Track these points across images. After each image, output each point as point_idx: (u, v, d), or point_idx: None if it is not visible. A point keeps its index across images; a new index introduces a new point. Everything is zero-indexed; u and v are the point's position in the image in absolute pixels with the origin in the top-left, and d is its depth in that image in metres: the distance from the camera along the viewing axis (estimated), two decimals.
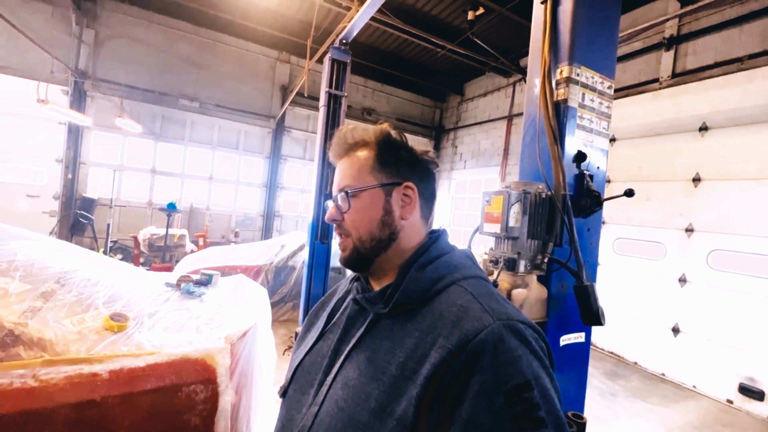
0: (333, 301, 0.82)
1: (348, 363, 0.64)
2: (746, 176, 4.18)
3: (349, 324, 0.70)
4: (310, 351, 0.74)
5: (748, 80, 4.22)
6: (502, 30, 6.64)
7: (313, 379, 0.68)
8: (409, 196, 0.70)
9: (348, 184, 0.70)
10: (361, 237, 0.69)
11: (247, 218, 8.38)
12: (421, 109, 10.33)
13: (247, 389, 1.70)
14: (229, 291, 2.34)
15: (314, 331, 0.78)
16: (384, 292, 0.66)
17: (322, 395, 0.63)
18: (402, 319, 0.63)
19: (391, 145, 0.71)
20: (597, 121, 1.27)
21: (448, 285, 0.63)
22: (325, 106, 4.48)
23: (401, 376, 0.56)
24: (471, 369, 0.51)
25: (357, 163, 0.71)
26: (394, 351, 0.59)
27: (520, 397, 0.49)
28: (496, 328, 0.53)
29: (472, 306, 0.58)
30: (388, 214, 0.69)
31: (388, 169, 0.70)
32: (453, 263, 0.67)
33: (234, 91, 7.82)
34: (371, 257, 0.70)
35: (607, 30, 1.31)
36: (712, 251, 4.43)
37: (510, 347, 0.52)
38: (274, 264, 5.37)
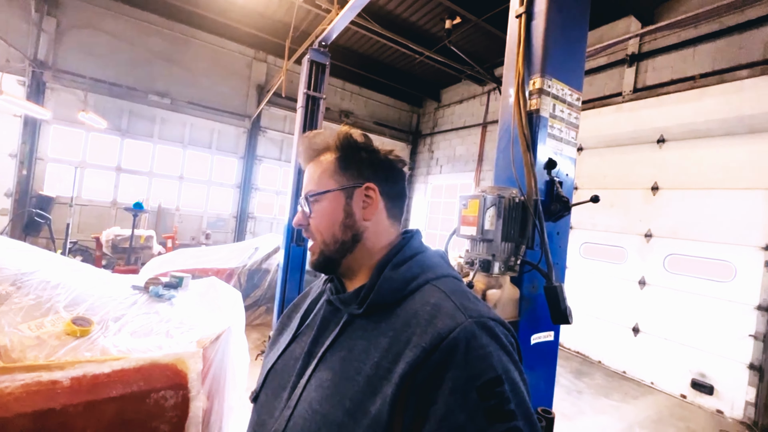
0: (306, 302, 0.81)
1: (322, 364, 0.63)
2: (699, 186, 4.51)
3: (323, 325, 0.70)
4: (283, 354, 0.73)
5: (700, 97, 4.57)
6: (478, 40, 6.84)
7: (286, 382, 0.67)
8: (370, 197, 0.71)
9: (310, 189, 0.72)
10: (325, 240, 0.70)
11: (219, 220, 8.14)
12: (398, 114, 10.43)
13: (219, 394, 1.65)
14: (201, 294, 2.27)
15: (287, 333, 0.78)
16: (358, 293, 0.66)
17: (296, 398, 0.62)
18: (376, 318, 0.63)
19: (352, 147, 0.72)
20: (566, 130, 1.34)
21: (422, 284, 0.64)
22: (302, 108, 4.44)
23: (376, 375, 0.56)
24: (445, 366, 0.52)
25: (319, 168, 0.72)
26: (369, 351, 0.59)
27: (492, 392, 0.50)
28: (468, 326, 0.55)
29: (445, 304, 0.59)
30: (349, 217, 0.70)
31: (350, 171, 0.71)
32: (426, 263, 0.68)
33: (208, 88, 7.60)
34: (337, 259, 0.71)
35: (576, 45, 1.39)
36: (668, 255, 4.73)
37: (482, 344, 0.53)
38: (247, 267, 5.24)
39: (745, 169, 4.13)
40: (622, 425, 3.59)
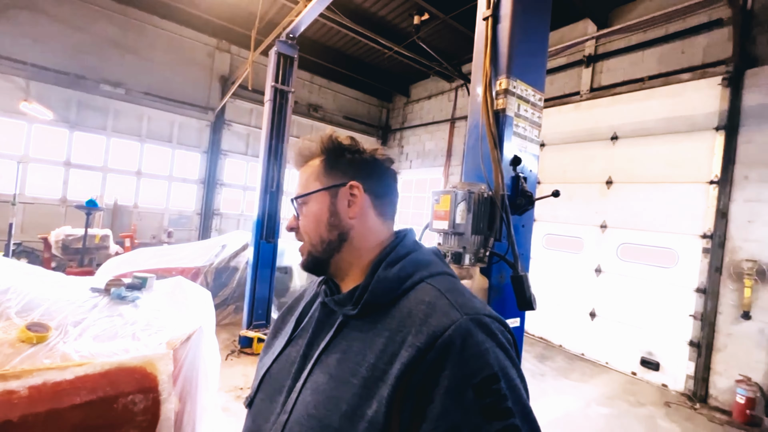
0: (301, 305, 0.81)
1: (317, 367, 0.62)
2: (647, 180, 4.88)
3: (318, 327, 0.69)
4: (278, 358, 0.72)
5: (648, 98, 4.93)
6: (446, 36, 6.95)
7: (281, 386, 0.66)
8: (355, 195, 0.71)
9: (299, 192, 0.73)
10: (312, 241, 0.71)
11: (182, 217, 7.78)
12: (368, 108, 10.41)
13: (192, 395, 1.61)
14: (167, 294, 2.19)
15: (282, 337, 0.77)
16: (352, 294, 0.65)
17: (292, 402, 0.61)
18: (371, 319, 0.62)
19: (336, 149, 0.73)
20: (530, 129, 1.42)
21: (416, 283, 0.64)
22: (270, 101, 4.34)
23: (372, 377, 0.55)
24: (440, 365, 0.51)
25: (307, 172, 0.74)
26: (365, 352, 0.59)
27: (489, 390, 0.50)
28: (463, 323, 0.54)
29: (439, 302, 0.58)
30: (334, 216, 0.70)
31: (334, 172, 0.72)
32: (420, 261, 0.68)
33: (166, 78, 7.20)
34: (325, 259, 0.71)
35: (539, 48, 1.47)
36: (621, 244, 5.10)
37: (477, 341, 0.53)
38: (214, 265, 5.07)
39: (686, 164, 4.52)
40: (581, 403, 3.86)
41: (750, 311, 3.87)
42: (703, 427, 3.60)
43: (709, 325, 4.14)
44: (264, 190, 4.44)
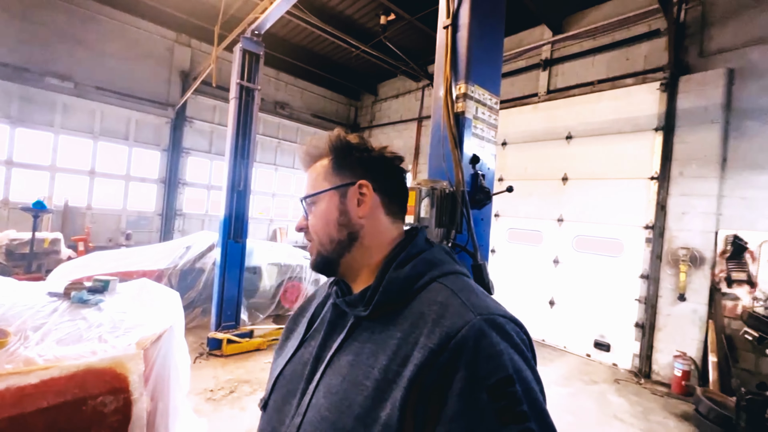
0: (312, 306, 0.81)
1: (330, 369, 0.62)
2: (598, 176, 5.27)
3: (330, 329, 0.69)
4: (291, 360, 0.72)
5: (598, 100, 5.32)
6: (412, 37, 7.08)
7: (295, 388, 0.66)
8: (364, 194, 0.70)
9: (306, 193, 0.74)
10: (321, 241, 0.71)
11: (141, 218, 7.41)
12: (336, 107, 10.38)
13: (164, 395, 1.61)
14: (133, 297, 2.14)
15: (294, 338, 0.77)
16: (364, 294, 0.65)
17: (305, 405, 0.61)
18: (383, 320, 0.62)
19: (344, 148, 0.73)
20: (487, 130, 1.55)
21: (428, 283, 0.63)
22: (236, 99, 4.27)
23: (385, 380, 0.54)
24: (454, 367, 0.51)
25: (315, 172, 0.74)
26: (377, 354, 0.58)
27: (503, 392, 0.49)
28: (476, 323, 0.53)
29: (452, 302, 0.58)
30: (344, 215, 0.70)
31: (343, 171, 0.72)
32: (431, 260, 0.67)
33: (121, 72, 6.81)
34: (335, 259, 0.71)
35: (494, 55, 1.60)
36: (576, 236, 5.47)
37: (491, 342, 0.52)
38: (178, 267, 4.90)
39: (631, 162, 4.93)
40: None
41: (685, 293, 4.32)
42: (647, 399, 3.98)
43: (651, 307, 4.57)
44: (231, 189, 4.36)
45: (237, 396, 3.24)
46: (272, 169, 9.20)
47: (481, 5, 1.48)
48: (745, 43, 4.20)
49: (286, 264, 5.84)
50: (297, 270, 5.94)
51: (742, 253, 4.02)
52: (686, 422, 3.52)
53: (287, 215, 9.62)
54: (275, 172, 9.25)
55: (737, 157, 4.16)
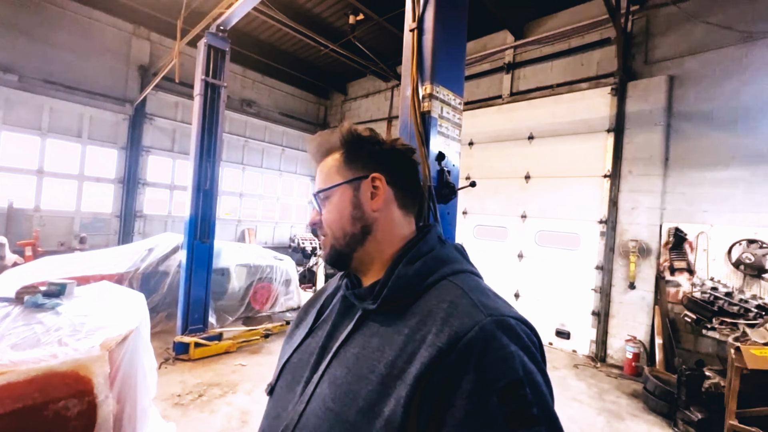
0: (323, 297, 0.82)
1: (336, 360, 0.62)
2: (557, 175, 5.58)
3: (337, 320, 0.70)
4: (298, 348, 0.73)
5: (556, 103, 5.63)
6: (381, 37, 7.16)
7: (300, 376, 0.67)
8: (377, 187, 0.70)
9: (320, 187, 0.73)
10: (335, 234, 0.71)
11: (97, 220, 6.99)
12: (305, 105, 10.27)
13: (131, 397, 1.57)
14: (94, 300, 2.05)
15: (303, 327, 0.78)
16: (373, 288, 0.66)
17: (309, 393, 0.62)
18: (391, 315, 0.62)
19: (356, 141, 0.73)
20: (452, 129, 1.63)
21: (437, 280, 0.63)
22: (201, 95, 4.15)
23: (390, 375, 0.54)
24: (462, 368, 0.50)
25: (327, 166, 0.74)
26: (383, 349, 0.58)
27: (514, 395, 0.48)
28: (487, 325, 0.52)
29: (462, 301, 0.57)
30: (357, 208, 0.70)
31: (356, 165, 0.72)
32: (443, 258, 0.67)
33: (73, 66, 6.39)
34: (348, 253, 0.71)
35: (458, 58, 1.69)
36: (538, 232, 5.77)
37: (502, 344, 0.51)
38: (140, 270, 4.69)
39: (587, 161, 5.27)
40: None
41: (635, 282, 4.68)
42: (603, 381, 4.28)
43: (606, 296, 4.91)
44: (196, 189, 4.23)
45: (206, 399, 3.17)
46: (239, 169, 8.96)
47: (445, 10, 1.56)
48: (683, 53, 4.62)
49: (255, 265, 5.73)
50: (267, 271, 5.85)
51: (683, 244, 4.42)
52: (636, 399, 3.84)
53: (256, 216, 9.41)
54: (242, 171, 9.02)
55: (677, 157, 4.56)
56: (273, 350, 4.45)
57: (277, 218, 9.84)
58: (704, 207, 4.33)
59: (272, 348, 4.52)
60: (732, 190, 4.16)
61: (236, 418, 2.95)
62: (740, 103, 4.17)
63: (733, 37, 4.24)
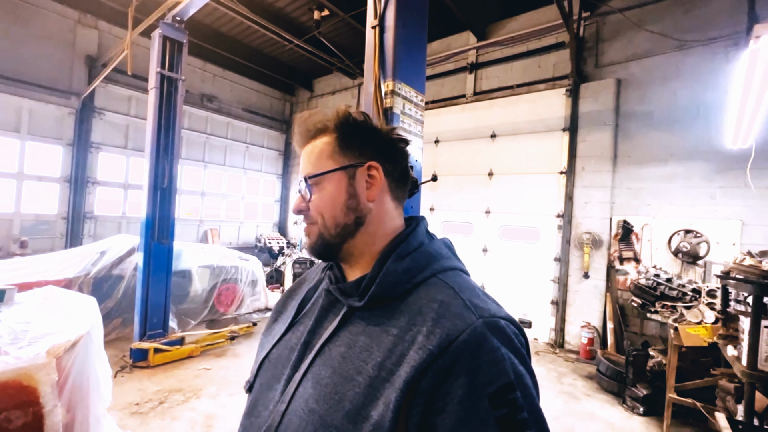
0: (303, 289, 0.78)
1: (320, 359, 0.60)
2: (518, 171, 5.84)
3: (321, 316, 0.67)
4: (278, 343, 0.70)
5: (516, 102, 5.88)
6: (346, 34, 7.12)
7: (280, 373, 0.64)
8: (374, 177, 0.67)
9: (309, 172, 0.68)
10: (326, 223, 0.66)
11: (40, 222, 6.45)
12: (269, 101, 10.01)
13: (83, 405, 1.48)
14: (37, 305, 1.91)
15: (282, 321, 0.74)
16: (359, 284, 0.63)
17: (290, 392, 0.59)
18: (378, 313, 0.60)
19: (352, 126, 0.68)
20: (414, 125, 1.68)
21: (427, 277, 0.61)
22: (156, 89, 3.95)
23: (378, 377, 0.53)
24: (453, 372, 0.49)
25: (317, 149, 0.68)
26: (371, 349, 0.56)
27: (505, 399, 0.48)
28: (479, 327, 0.52)
29: (453, 302, 0.56)
30: (352, 198, 0.66)
31: (350, 151, 0.67)
32: (432, 253, 0.65)
33: (9, 54, 5.84)
34: (338, 244, 0.67)
35: (419, 56, 1.74)
36: (501, 226, 6.01)
37: (492, 347, 0.51)
38: (91, 275, 4.39)
39: (545, 158, 5.55)
40: None
41: (588, 272, 5.00)
42: (561, 366, 4.55)
43: (563, 285, 5.21)
44: (153, 188, 4.02)
45: (168, 406, 3.04)
46: (200, 167, 8.59)
47: (406, 9, 1.60)
48: (628, 58, 4.98)
49: (219, 266, 5.54)
50: (232, 272, 5.67)
51: (630, 235, 4.78)
52: (590, 380, 4.11)
53: (219, 215, 9.07)
54: (204, 169, 8.66)
55: (624, 154, 4.92)
56: (239, 352, 4.34)
57: (242, 218, 9.55)
58: (648, 201, 4.70)
59: (238, 350, 4.40)
60: (671, 184, 4.55)
61: (200, 424, 2.85)
62: (677, 105, 4.56)
63: (669, 44, 4.63)
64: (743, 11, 4.15)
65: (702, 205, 4.35)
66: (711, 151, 4.32)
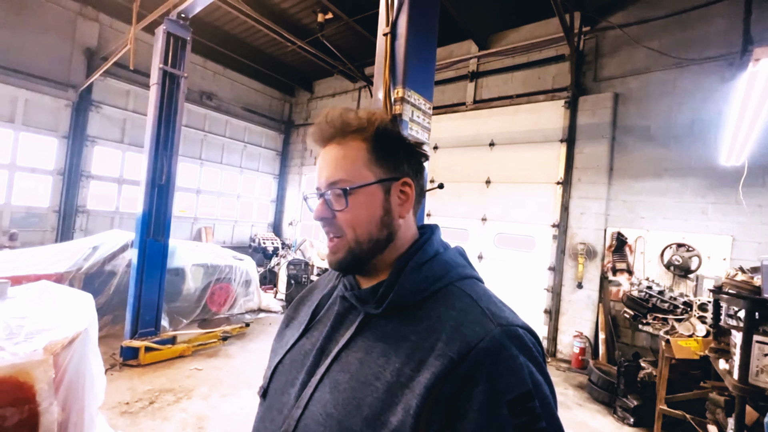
0: (315, 295, 0.78)
1: (337, 364, 0.60)
2: (515, 180, 5.89)
3: (337, 322, 0.66)
4: (291, 349, 0.69)
5: (515, 112, 5.95)
6: (349, 38, 7.15)
7: (294, 378, 0.64)
8: (406, 193, 0.65)
9: (342, 178, 0.62)
10: (358, 238, 0.63)
11: (31, 215, 6.34)
12: (269, 101, 9.99)
13: (78, 404, 1.46)
14: (32, 300, 1.88)
15: (294, 327, 0.74)
16: (376, 291, 0.62)
17: (306, 397, 0.59)
18: (396, 320, 0.60)
19: (389, 136, 0.65)
20: (421, 132, 1.69)
21: (444, 286, 0.61)
22: (158, 85, 3.93)
23: (397, 383, 0.53)
24: (474, 378, 0.49)
25: (351, 153, 0.64)
26: (389, 355, 0.56)
27: (523, 408, 0.48)
28: (497, 335, 0.52)
29: (472, 310, 0.56)
30: (387, 214, 0.64)
31: (386, 163, 0.64)
32: (449, 262, 0.65)
33: (6, 43, 5.76)
34: (366, 259, 0.64)
35: (428, 64, 1.75)
36: (497, 234, 6.05)
37: (512, 354, 0.51)
38: (83, 270, 4.33)
39: (542, 168, 5.61)
40: None
41: (582, 282, 5.05)
42: (553, 375, 4.56)
43: (557, 295, 5.25)
44: (151, 184, 3.99)
45: (159, 406, 2.99)
46: (197, 164, 8.53)
47: (418, 17, 1.62)
48: (626, 73, 5.07)
49: (213, 265, 5.50)
50: (226, 271, 5.63)
51: (623, 247, 4.84)
52: (582, 390, 4.14)
53: (214, 214, 9.00)
54: (200, 167, 8.59)
55: (620, 167, 4.99)
56: (231, 353, 4.29)
57: (237, 217, 9.48)
58: (642, 214, 4.77)
59: (230, 351, 4.35)
60: (665, 199, 4.63)
61: (191, 425, 2.81)
62: (673, 121, 4.65)
63: (667, 61, 4.73)
64: (739, 33, 4.27)
65: (694, 220, 4.43)
66: (705, 167, 4.40)
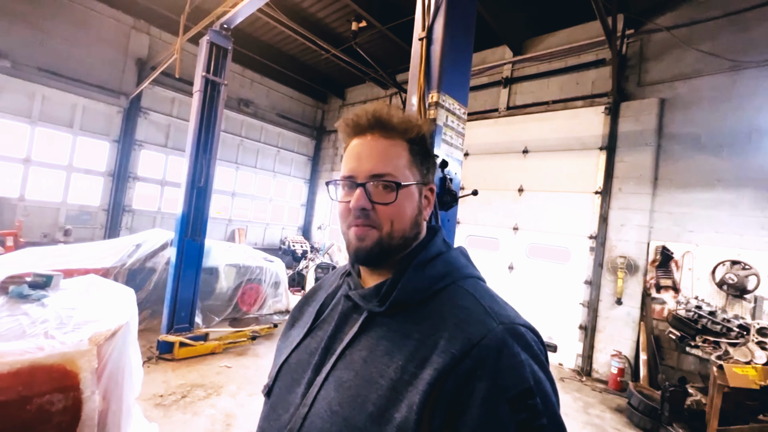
0: (319, 295, 0.80)
1: (341, 362, 0.61)
2: (550, 189, 5.67)
3: (341, 321, 0.67)
4: (297, 348, 0.71)
5: (551, 119, 5.75)
6: (382, 45, 7.23)
7: (300, 377, 0.65)
8: (428, 199, 0.70)
9: (390, 173, 0.64)
10: (393, 233, 0.64)
11: (83, 213, 6.83)
12: (302, 108, 10.27)
13: (117, 394, 1.53)
14: (80, 293, 2.00)
15: (300, 327, 0.75)
16: (379, 289, 0.64)
17: (312, 395, 0.60)
18: (399, 318, 0.61)
19: (425, 145, 0.69)
20: (455, 138, 1.66)
21: (447, 285, 0.62)
22: (200, 92, 4.12)
23: (401, 380, 0.53)
24: (475, 375, 0.50)
25: (396, 150, 0.66)
26: (393, 352, 0.57)
27: (524, 405, 0.49)
28: (499, 333, 0.53)
29: (474, 308, 0.57)
30: (419, 214, 0.68)
31: (422, 168, 0.68)
32: (452, 262, 0.66)
33: (68, 55, 6.29)
34: (391, 254, 0.65)
35: (464, 69, 1.72)
36: (529, 244, 5.83)
37: (513, 352, 0.52)
38: (127, 266, 4.59)
39: (579, 177, 5.37)
40: None
41: (622, 298, 4.75)
42: (588, 395, 4.31)
43: (594, 311, 4.97)
44: (191, 186, 4.18)
45: (190, 401, 3.10)
46: (233, 168, 8.89)
47: (454, 21, 1.60)
48: (673, 78, 4.77)
49: (245, 266, 5.66)
50: (256, 272, 5.78)
51: (669, 262, 4.51)
52: (620, 414, 3.87)
53: (247, 216, 9.32)
54: (236, 171, 8.95)
55: (666, 177, 4.68)
56: (259, 353, 4.38)
57: (268, 219, 9.76)
58: (690, 227, 4.44)
59: (258, 350, 4.45)
60: (717, 211, 4.28)
61: (220, 421, 2.88)
62: (727, 128, 4.32)
63: (722, 64, 4.41)
64: None
65: (751, 235, 4.06)
66: (763, 178, 4.04)
